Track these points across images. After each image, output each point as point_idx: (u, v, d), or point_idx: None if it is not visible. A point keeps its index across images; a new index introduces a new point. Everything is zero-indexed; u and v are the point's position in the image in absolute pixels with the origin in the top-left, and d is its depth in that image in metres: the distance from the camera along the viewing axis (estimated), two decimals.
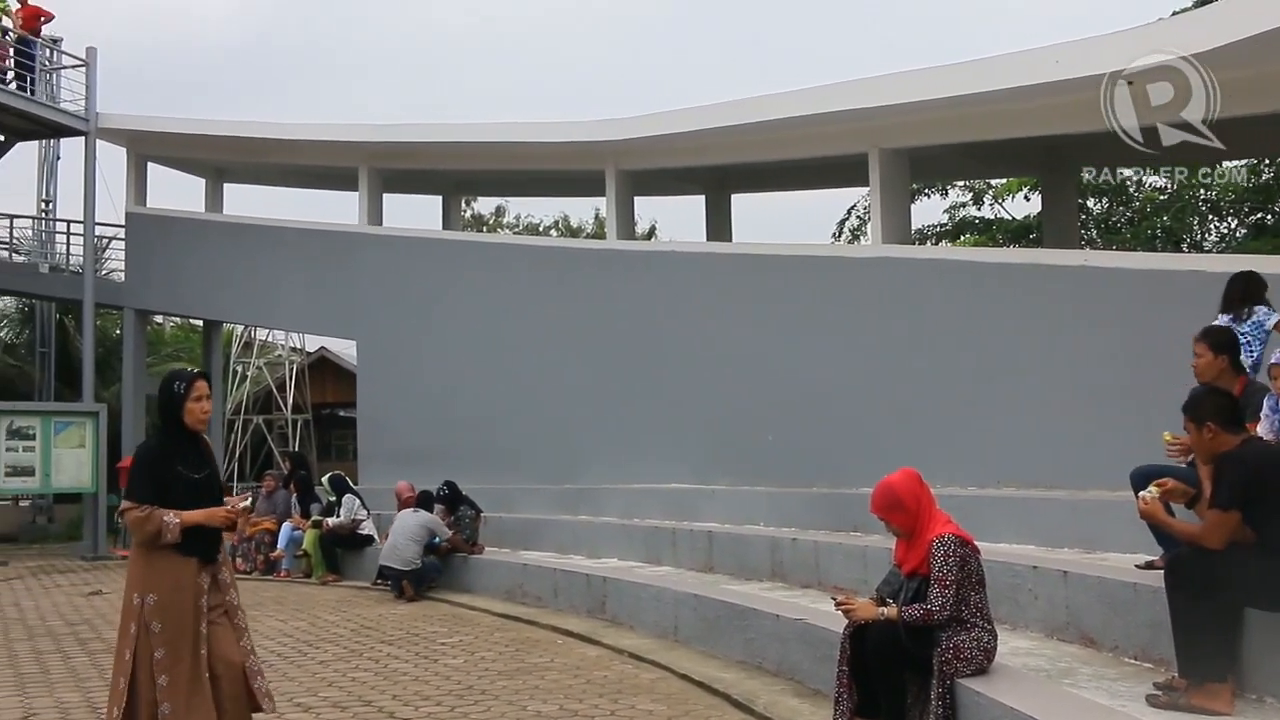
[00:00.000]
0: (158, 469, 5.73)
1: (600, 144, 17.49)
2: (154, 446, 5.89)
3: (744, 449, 14.83)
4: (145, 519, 5.60)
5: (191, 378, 5.83)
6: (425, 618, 12.29)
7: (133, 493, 5.73)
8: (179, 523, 5.59)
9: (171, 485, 5.68)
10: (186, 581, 5.65)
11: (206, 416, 5.86)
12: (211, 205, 24.10)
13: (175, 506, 5.64)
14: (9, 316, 32.38)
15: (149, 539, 5.64)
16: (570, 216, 42.86)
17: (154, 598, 5.59)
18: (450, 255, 19.96)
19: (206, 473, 5.87)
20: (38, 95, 21.83)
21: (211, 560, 5.81)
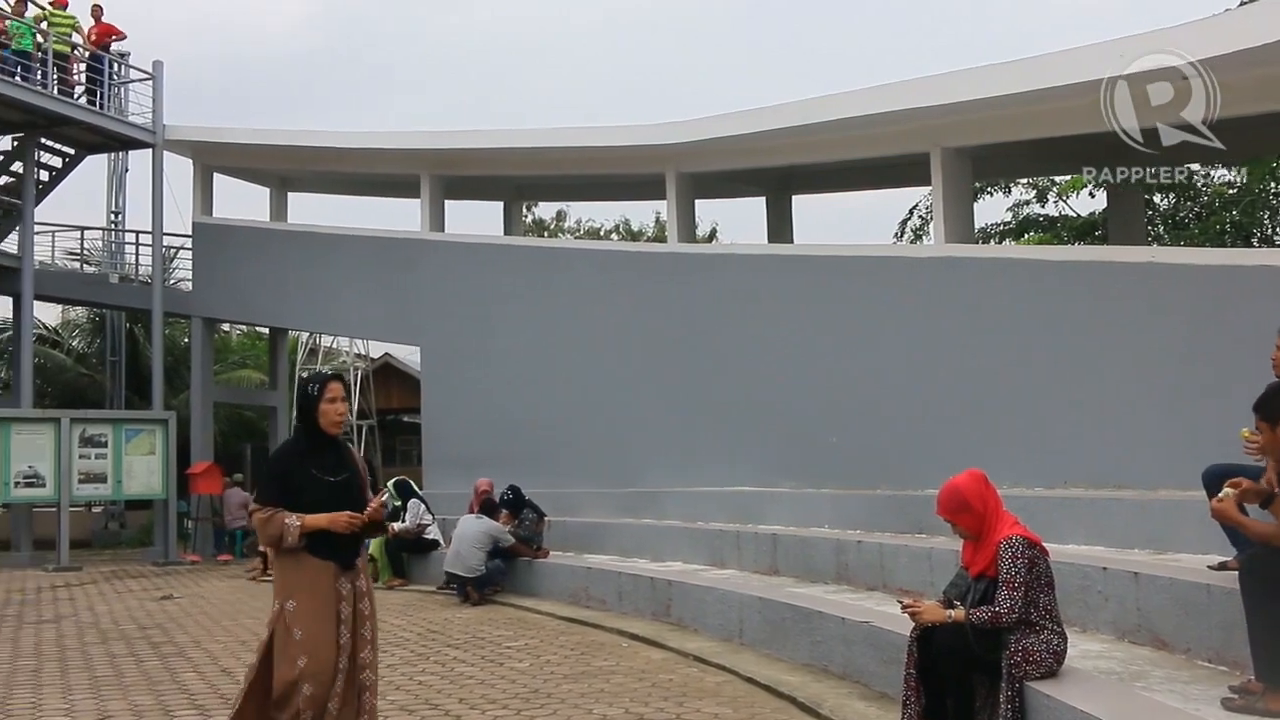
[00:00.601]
0: (289, 471, 5.65)
1: (660, 147, 17.49)
2: (288, 448, 5.83)
3: (807, 451, 14.76)
4: (267, 521, 5.55)
5: (325, 379, 5.75)
6: (490, 621, 12.34)
7: (261, 494, 5.71)
8: (299, 526, 5.50)
9: (304, 488, 5.59)
10: (325, 587, 5.57)
11: (341, 418, 5.74)
12: (276, 214, 24.37)
13: (309, 509, 5.55)
14: (81, 326, 32.96)
15: (271, 541, 5.61)
16: (631, 220, 42.95)
17: (294, 604, 5.53)
18: (512, 261, 20.03)
19: (345, 475, 5.74)
20: (107, 109, 22.21)
21: (350, 566, 5.69)
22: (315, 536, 5.53)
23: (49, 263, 26.02)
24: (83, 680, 9.31)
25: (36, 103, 20.52)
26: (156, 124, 22.70)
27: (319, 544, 5.54)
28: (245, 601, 14.79)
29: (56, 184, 23.06)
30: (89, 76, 22.23)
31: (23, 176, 21.90)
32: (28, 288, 21.83)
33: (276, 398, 26.64)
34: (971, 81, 13.08)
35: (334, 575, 5.59)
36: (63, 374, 31.02)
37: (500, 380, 19.24)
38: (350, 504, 5.65)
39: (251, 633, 11.75)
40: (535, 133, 19.61)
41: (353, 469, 5.81)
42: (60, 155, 22.90)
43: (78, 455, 20.56)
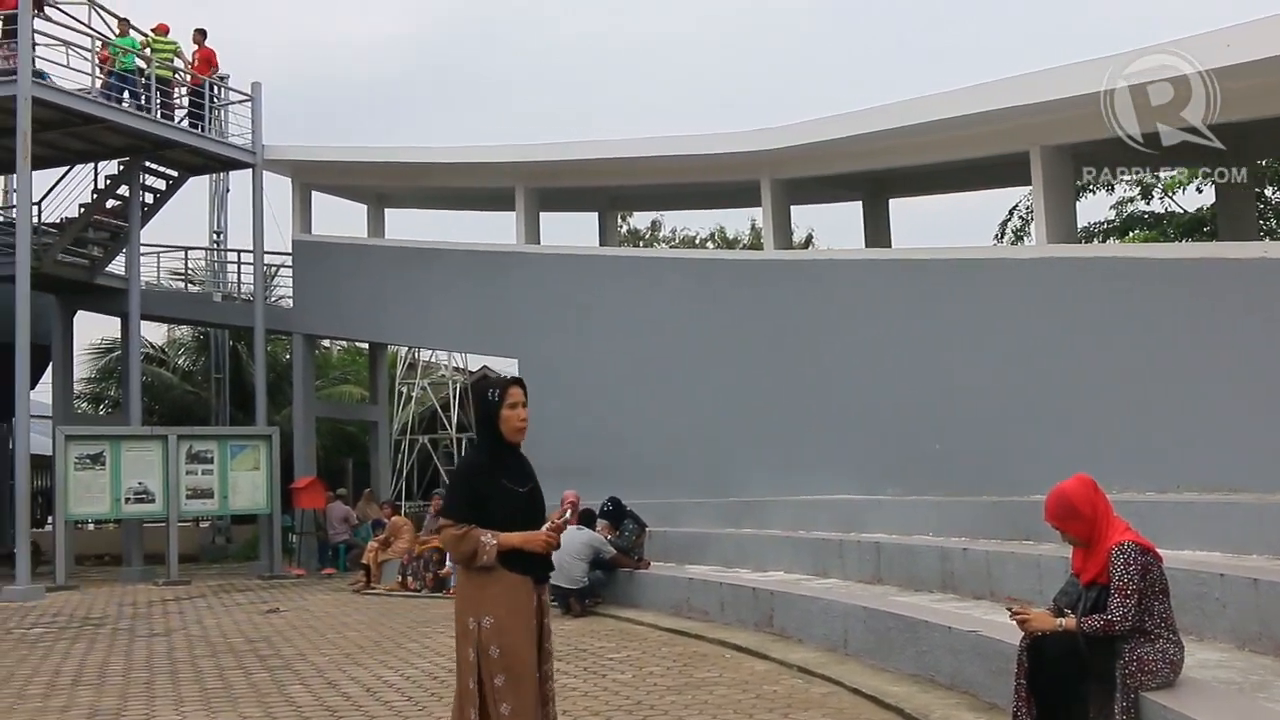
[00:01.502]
0: (477, 483, 5.38)
1: (755, 154, 17.41)
2: (474, 460, 5.57)
3: (910, 458, 14.57)
4: (461, 538, 5.30)
5: (505, 384, 5.47)
6: (592, 633, 12.32)
7: (449, 509, 5.43)
8: (496, 545, 5.24)
9: (492, 500, 5.34)
10: (523, 602, 5.33)
11: (523, 425, 5.46)
12: (373, 230, 24.65)
13: (496, 522, 5.29)
14: (186, 345, 33.68)
15: (464, 559, 5.36)
16: (726, 228, 42.84)
17: (490, 620, 5.27)
18: (608, 271, 20.06)
19: (531, 486, 5.49)
20: (207, 131, 22.65)
21: (544, 580, 5.49)
22: (509, 551, 5.29)
23: (155, 283, 26.59)
24: (193, 692, 9.45)
25: (142, 128, 20.99)
26: (256, 145, 23.10)
27: (514, 557, 5.30)
28: (349, 614, 14.94)
29: (161, 206, 23.54)
30: (190, 100, 22.71)
31: (129, 199, 22.40)
32: (135, 308, 22.32)
33: (377, 412, 26.93)
34: (1071, 78, 12.82)
35: (530, 589, 5.37)
36: (170, 392, 31.71)
37: (598, 391, 19.25)
38: (538, 515, 5.45)
39: (356, 645, 11.85)
40: (629, 142, 19.62)
41: (535, 479, 5.57)
42: (164, 178, 23.38)
43: (185, 471, 20.94)
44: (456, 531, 5.32)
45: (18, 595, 17.52)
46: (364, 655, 11.18)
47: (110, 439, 20.87)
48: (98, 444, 20.66)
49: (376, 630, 13.09)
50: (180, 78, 22.53)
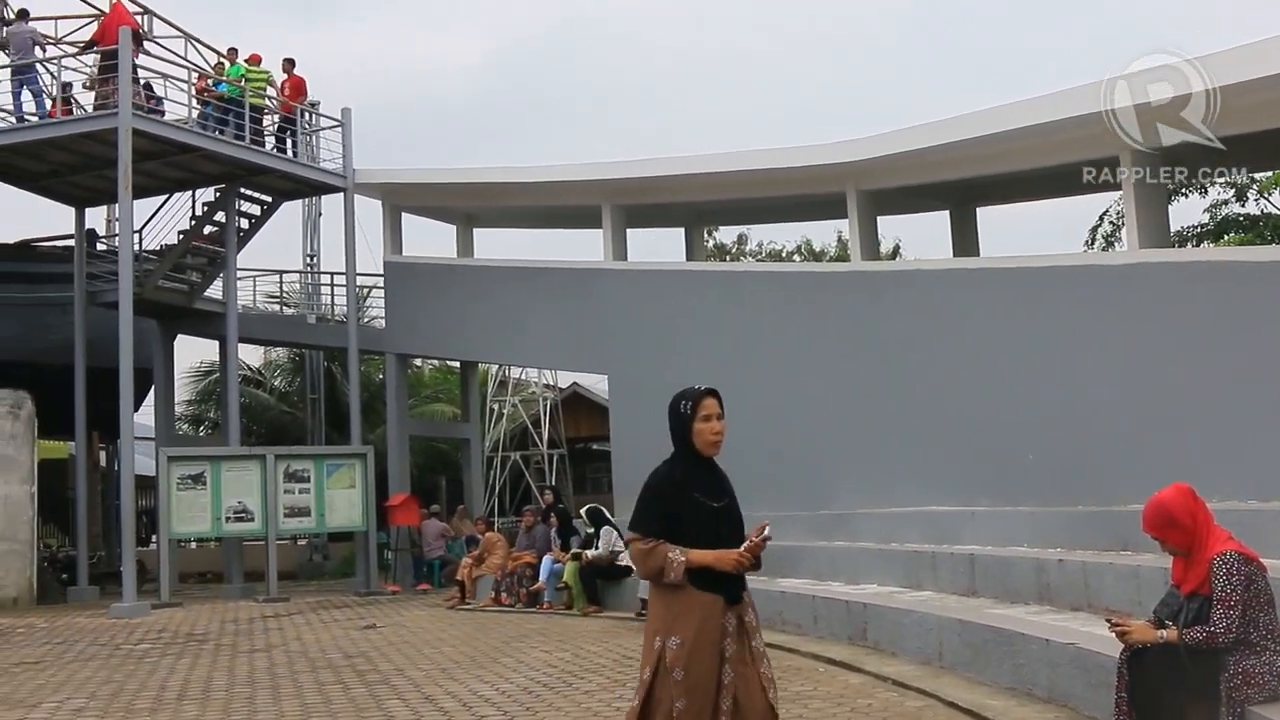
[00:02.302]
0: (667, 497, 5.12)
1: (840, 165, 17.37)
2: (664, 474, 5.26)
3: (1003, 468, 14.42)
4: (648, 553, 5.02)
5: (698, 396, 5.32)
6: None
7: (638, 523, 5.13)
8: (684, 562, 4.95)
9: (685, 515, 5.07)
10: (712, 624, 4.97)
11: (718, 437, 5.29)
12: (462, 250, 24.92)
13: (689, 538, 5.01)
14: (282, 366, 34.30)
15: (651, 575, 5.08)
16: (812, 240, 42.68)
17: (677, 641, 4.93)
18: (695, 286, 20.10)
19: (726, 501, 5.22)
20: (299, 157, 23.09)
21: (737, 600, 5.08)
22: (699, 569, 4.98)
23: (251, 306, 27.09)
24: (294, 707, 9.61)
25: (237, 155, 21.45)
26: (347, 169, 23.47)
27: (705, 576, 4.98)
28: (445, 630, 15.09)
29: (256, 231, 24.01)
30: (282, 126, 23.17)
31: (225, 225, 22.89)
32: (232, 331, 22.78)
33: (469, 430, 27.17)
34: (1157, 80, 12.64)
35: (721, 610, 5.00)
36: (267, 412, 32.30)
37: None
38: (733, 531, 5.13)
39: (452, 660, 11.98)
40: (715, 157, 19.67)
41: (732, 494, 5.31)
42: (259, 203, 23.86)
43: (283, 490, 21.28)
44: (644, 546, 5.06)
45: (125, 612, 17.94)
46: (460, 670, 11.29)
47: (210, 459, 21.30)
48: (198, 464, 21.08)
49: (472, 645, 13.22)
50: (273, 106, 22.98)
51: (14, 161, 21.49)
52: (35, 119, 20.71)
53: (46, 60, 21.91)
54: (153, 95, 21.00)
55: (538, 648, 12.76)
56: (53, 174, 22.09)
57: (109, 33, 20.46)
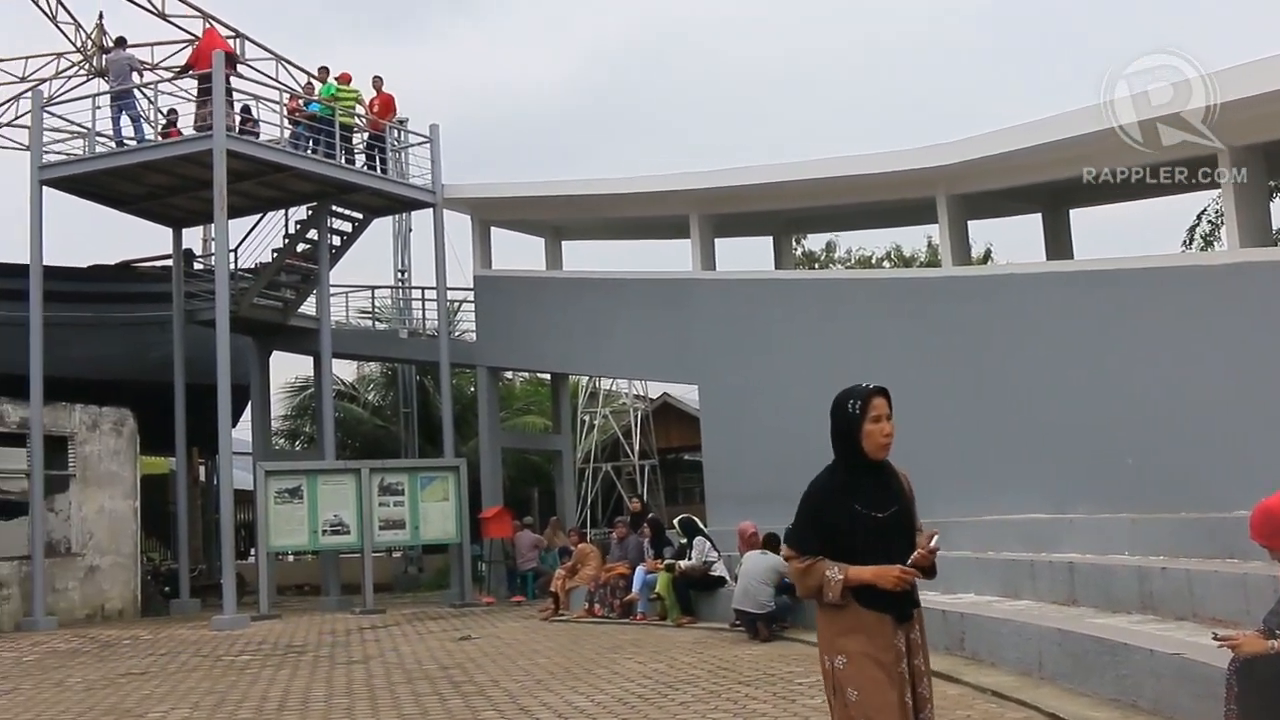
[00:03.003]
0: (826, 509, 4.79)
1: (930, 170, 17.20)
2: (822, 483, 4.91)
3: (1102, 474, 14.14)
4: (805, 572, 4.78)
5: (867, 394, 4.90)
6: (781, 658, 12.25)
7: (794, 538, 4.90)
8: (842, 580, 4.67)
9: (844, 528, 4.74)
10: (880, 643, 4.69)
11: (888, 440, 4.85)
12: (551, 263, 25.05)
13: (850, 553, 4.71)
14: (375, 381, 34.73)
15: (810, 595, 4.84)
16: (902, 246, 42.32)
17: (843, 660, 4.72)
18: (784, 294, 20.01)
19: (894, 510, 4.84)
20: (389, 174, 23.37)
21: (907, 618, 4.79)
22: (861, 586, 4.69)
23: (344, 322, 27.44)
24: (392, 718, 9.70)
25: (328, 174, 21.78)
26: (436, 185, 23.70)
27: (869, 592, 4.69)
28: (540, 641, 15.14)
29: (348, 248, 24.34)
30: (372, 144, 23.48)
31: (318, 243, 23.22)
32: (326, 346, 23.11)
33: (561, 441, 27.28)
34: (1260, 74, 12.35)
35: (890, 629, 4.71)
36: (361, 426, 32.71)
37: (779, 414, 19.16)
38: (900, 544, 4.77)
39: (547, 671, 12.01)
40: (803, 165, 19.57)
41: (901, 501, 4.90)
42: (350, 220, 24.18)
43: (378, 503, 21.50)
44: (800, 564, 4.80)
45: (225, 624, 18.24)
46: (555, 681, 11.32)
47: (307, 473, 21.60)
48: (295, 478, 21.39)
49: (566, 656, 13.25)
50: (362, 123, 23.30)
51: (114, 184, 22.02)
52: (134, 143, 21.20)
53: (144, 85, 22.42)
54: (248, 118, 21.38)
55: (632, 658, 12.75)
56: (151, 196, 22.59)
57: (203, 57, 20.90)
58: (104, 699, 11.54)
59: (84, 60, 26.32)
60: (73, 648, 16.68)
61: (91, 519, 21.83)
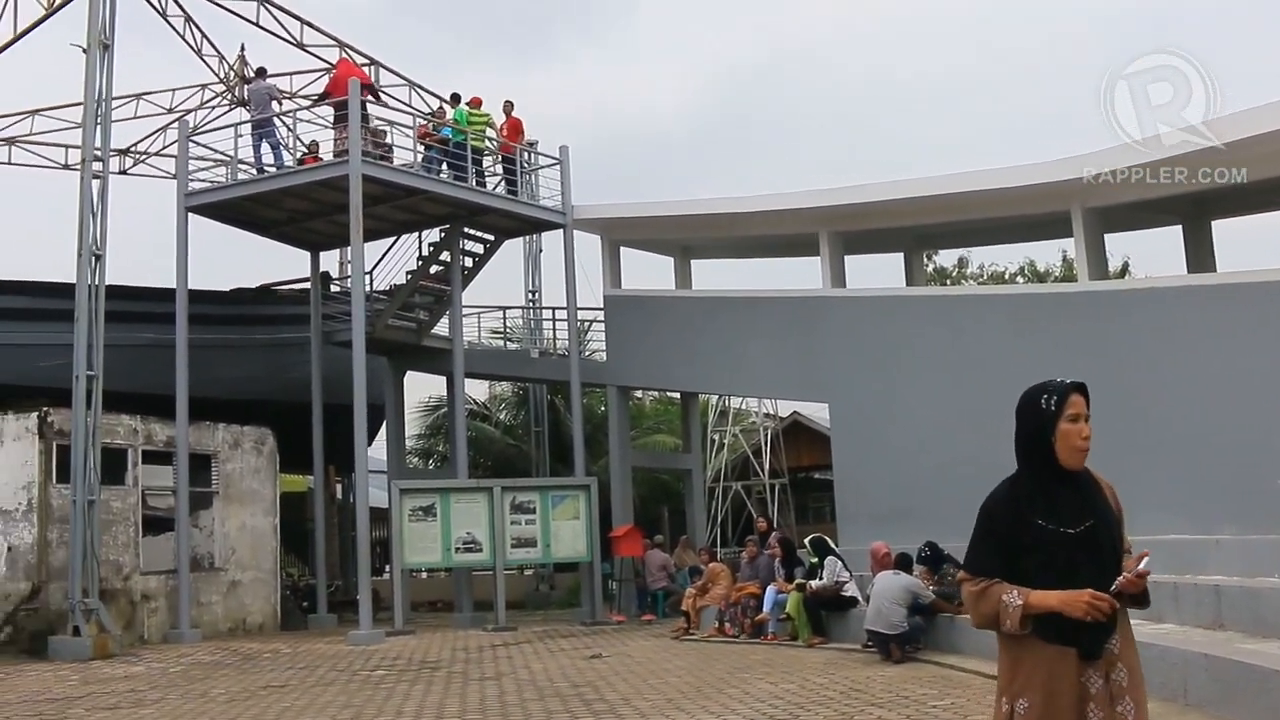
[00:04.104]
0: (1006, 524, 4.10)
1: (1064, 183, 16.87)
2: (1003, 494, 4.22)
3: (1249, 494, 13.69)
4: (979, 597, 4.07)
5: (1064, 390, 4.25)
6: (914, 680, 12.07)
7: (969, 559, 4.21)
8: (1022, 605, 3.95)
9: (1028, 545, 4.04)
10: (1065, 684, 3.97)
11: (1086, 445, 4.18)
12: (680, 282, 25.09)
13: (1033, 575, 3.99)
14: (507, 400, 35.14)
15: (985, 623, 4.11)
16: (1036, 261, 41.56)
17: (1024, 703, 4.01)
18: (916, 311, 19.79)
19: (1088, 525, 4.09)
20: (520, 195, 23.65)
21: (1095, 654, 4.01)
22: (1046, 615, 3.97)
23: (476, 342, 27.77)
24: None
25: (460, 196, 22.12)
26: (565, 206, 23.90)
27: (1055, 622, 3.96)
28: (670, 660, 15.12)
29: (480, 269, 24.66)
30: (503, 166, 23.79)
31: (450, 264, 23.58)
32: (459, 367, 23.43)
33: (691, 460, 27.27)
34: None
35: (1075, 666, 3.99)
36: (493, 445, 33.10)
37: (911, 433, 18.95)
38: (1095, 566, 4.02)
39: (678, 690, 11.99)
40: (934, 180, 19.37)
41: (1101, 513, 4.16)
42: (482, 242, 24.50)
43: (510, 521, 21.69)
44: (974, 588, 4.10)
45: (361, 639, 18.55)
46: (686, 700, 11.29)
47: (440, 491, 21.88)
48: (429, 497, 21.68)
49: (697, 676, 13.21)
50: (493, 146, 23.62)
51: (255, 210, 22.64)
52: (274, 169, 21.78)
53: (283, 114, 23.04)
54: (381, 143, 21.82)
55: (763, 679, 12.67)
56: (290, 221, 23.17)
57: (339, 84, 21.41)
58: (245, 710, 11.83)
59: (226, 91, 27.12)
60: (216, 660, 17.13)
61: (234, 535, 22.45)
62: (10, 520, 19.48)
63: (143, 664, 16.93)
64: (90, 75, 19.58)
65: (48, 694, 13.82)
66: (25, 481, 19.47)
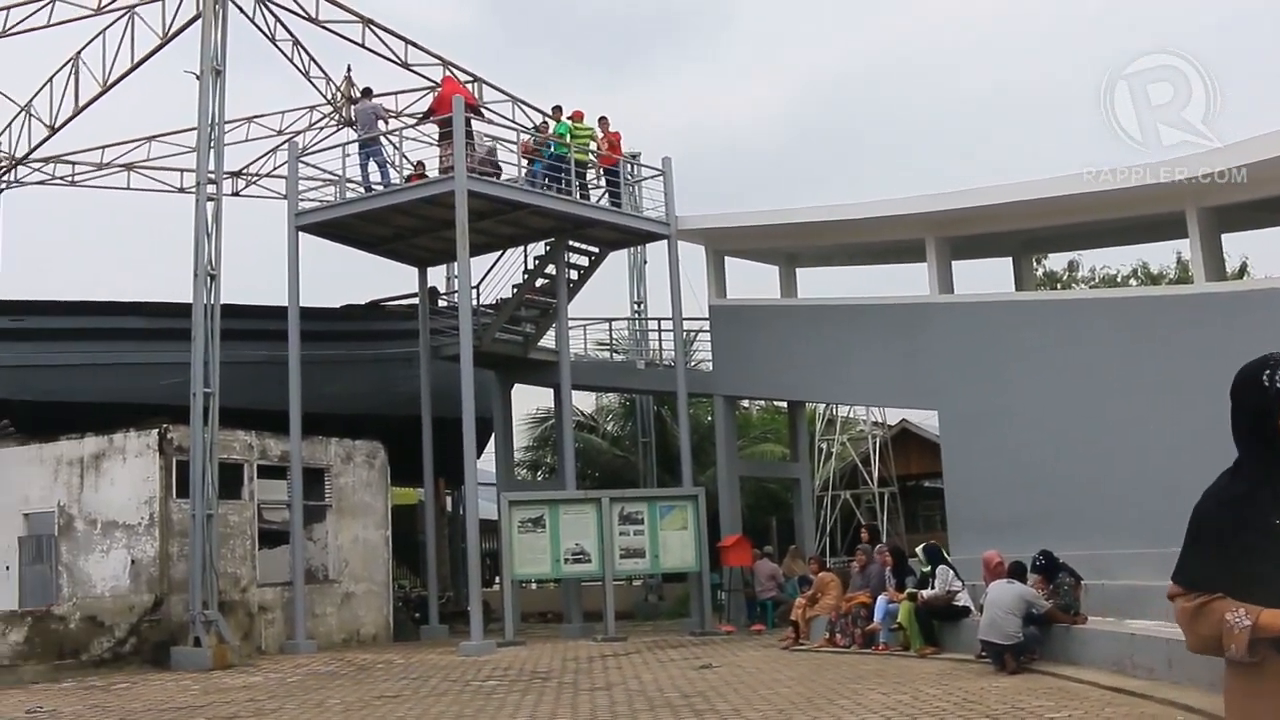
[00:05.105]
0: (1225, 528, 3.33)
1: (1179, 184, 16.50)
2: (1219, 490, 3.43)
3: None
4: (1195, 616, 3.31)
5: None
6: (1029, 691, 11.86)
7: (1180, 569, 3.42)
8: (1250, 626, 3.15)
9: (1257, 551, 3.25)
10: None
11: None
12: (785, 290, 24.99)
13: (1263, 587, 3.19)
14: (613, 411, 35.26)
15: (1204, 646, 3.32)
16: (1149, 263, 40.69)
17: None
18: (1026, 316, 19.49)
19: None
20: (623, 207, 23.74)
21: None
22: None
23: (582, 354, 27.93)
24: None
25: (565, 210, 22.27)
26: (669, 216, 23.93)
27: None
28: (780, 671, 15.03)
29: (585, 281, 24.79)
30: (606, 179, 23.91)
31: (555, 277, 23.74)
32: (565, 378, 23.56)
33: (798, 469, 27.13)
34: None
35: None
36: (600, 456, 33.24)
37: (1023, 439, 18.65)
38: None
39: (789, 701, 11.91)
40: (1043, 183, 19.08)
41: None
42: (586, 254, 24.63)
43: (618, 532, 21.73)
44: (1188, 604, 3.34)
45: (472, 650, 18.72)
46: (797, 711, 11.21)
47: (549, 503, 21.99)
48: (538, 508, 21.81)
49: (807, 686, 13.11)
50: (595, 159, 23.76)
51: (363, 228, 23.00)
52: (381, 188, 22.12)
53: (389, 132, 23.39)
54: (487, 160, 22.04)
55: (875, 689, 12.54)
56: (397, 237, 23.50)
57: (444, 102, 21.69)
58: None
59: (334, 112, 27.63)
60: (331, 670, 17.41)
61: (347, 547, 22.82)
62: (133, 534, 20.04)
63: (260, 674, 17.26)
64: (203, 101, 20.08)
65: (170, 703, 14.16)
66: (147, 496, 20.04)
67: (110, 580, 20.11)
